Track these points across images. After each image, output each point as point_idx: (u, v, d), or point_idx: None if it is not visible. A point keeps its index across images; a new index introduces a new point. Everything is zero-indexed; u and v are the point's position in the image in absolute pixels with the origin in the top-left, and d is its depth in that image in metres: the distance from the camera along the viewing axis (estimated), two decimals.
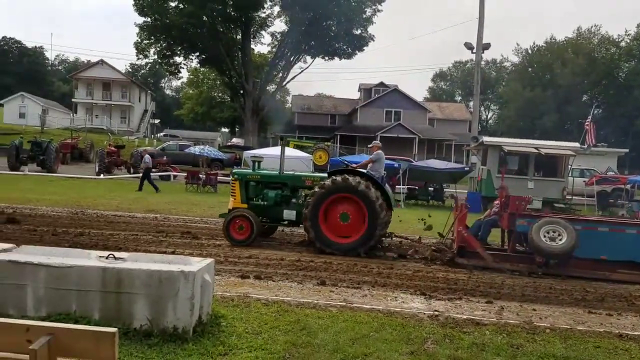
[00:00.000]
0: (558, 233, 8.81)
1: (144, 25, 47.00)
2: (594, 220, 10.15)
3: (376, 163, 10.45)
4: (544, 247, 8.76)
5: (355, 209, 9.75)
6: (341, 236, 9.81)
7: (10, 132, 40.16)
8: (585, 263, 9.06)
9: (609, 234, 9.07)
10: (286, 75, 52.80)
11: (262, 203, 10.54)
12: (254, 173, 10.94)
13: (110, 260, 4.73)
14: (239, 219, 10.07)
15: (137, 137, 50.86)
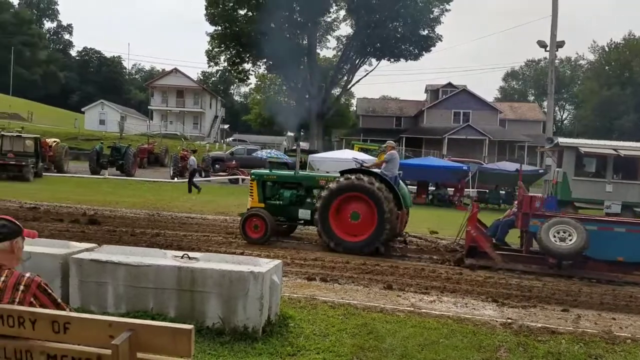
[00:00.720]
0: (568, 233, 8.58)
1: (214, 34, 48.61)
2: (610, 220, 9.88)
3: (390, 163, 10.46)
4: (551, 247, 8.56)
5: (366, 208, 9.83)
6: (351, 234, 9.89)
7: (91, 137, 42.70)
8: (601, 265, 8.83)
9: (626, 234, 8.74)
10: (351, 78, 52.86)
11: (278, 203, 10.75)
12: (271, 174, 11.23)
13: (185, 259, 4.91)
14: (254, 218, 10.33)
15: (208, 142, 52.59)
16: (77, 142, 39.82)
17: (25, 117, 56.89)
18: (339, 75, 53.59)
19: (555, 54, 29.46)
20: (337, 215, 9.98)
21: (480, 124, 49.98)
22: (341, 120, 67.26)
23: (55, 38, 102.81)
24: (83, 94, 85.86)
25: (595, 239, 8.63)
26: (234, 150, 38.26)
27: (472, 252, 9.43)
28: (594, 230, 8.73)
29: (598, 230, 8.79)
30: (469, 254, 9.41)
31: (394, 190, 9.88)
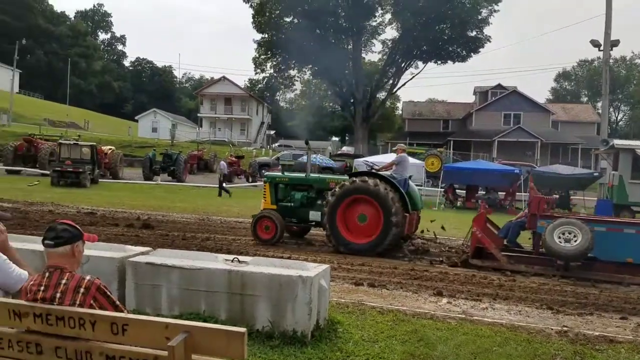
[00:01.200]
0: (573, 234, 8.45)
1: (261, 42, 49.42)
2: (619, 221, 9.68)
3: (399, 165, 10.56)
4: (555, 248, 8.47)
5: (372, 210, 9.85)
6: (359, 236, 9.92)
7: (144, 145, 44.13)
8: (609, 266, 8.66)
9: (636, 235, 8.60)
10: (397, 81, 52.51)
11: (290, 204, 10.89)
12: (283, 176, 11.49)
13: (235, 263, 4.99)
14: (265, 220, 10.54)
15: (254, 148, 53.41)
16: (131, 149, 41.25)
17: (82, 126, 59.46)
18: (384, 79, 53.34)
19: (610, 53, 28.27)
20: (345, 217, 10.05)
21: (531, 126, 48.55)
22: (387, 124, 66.89)
23: (109, 49, 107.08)
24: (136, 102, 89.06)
25: (604, 240, 8.54)
26: (280, 155, 38.66)
27: (479, 253, 9.40)
28: (603, 232, 8.62)
29: (607, 232, 8.68)
30: (475, 254, 9.37)
31: (400, 192, 9.88)
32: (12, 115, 49.47)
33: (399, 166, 10.56)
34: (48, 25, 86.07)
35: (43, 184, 21.40)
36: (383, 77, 53.21)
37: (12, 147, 27.28)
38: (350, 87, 50.35)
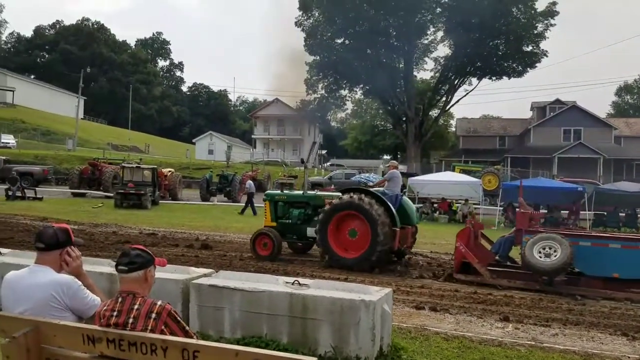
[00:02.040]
0: (554, 249, 8.45)
1: (313, 64, 50.12)
2: (605, 236, 9.51)
3: (391, 182, 10.83)
4: (533, 262, 8.50)
5: (362, 225, 10.04)
6: (349, 251, 10.15)
7: (201, 167, 45.33)
8: (596, 281, 8.60)
9: (621, 250, 8.50)
10: (450, 99, 51.77)
11: (288, 221, 11.25)
12: (281, 194, 11.89)
13: (296, 286, 4.95)
14: (263, 237, 10.88)
15: None
16: (189, 171, 42.44)
17: (143, 149, 61.85)
18: (437, 96, 52.73)
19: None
20: (337, 232, 10.29)
21: (593, 141, 46.54)
22: (440, 142, 65.89)
23: (168, 75, 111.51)
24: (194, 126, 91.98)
25: (590, 255, 8.59)
26: (332, 174, 38.75)
27: (467, 268, 9.41)
28: (588, 247, 8.65)
29: (592, 247, 8.67)
30: (460, 269, 9.43)
31: (388, 207, 10.02)
32: (78, 140, 52.09)
33: (391, 182, 10.84)
34: (111, 53, 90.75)
35: (107, 206, 22.29)
36: (435, 94, 52.60)
37: (77, 170, 28.62)
38: (402, 105, 50.05)
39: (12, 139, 45.89)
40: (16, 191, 23.08)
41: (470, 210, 23.07)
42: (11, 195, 22.80)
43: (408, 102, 49.29)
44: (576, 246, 8.60)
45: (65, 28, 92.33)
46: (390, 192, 10.62)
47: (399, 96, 50.24)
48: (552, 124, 50.18)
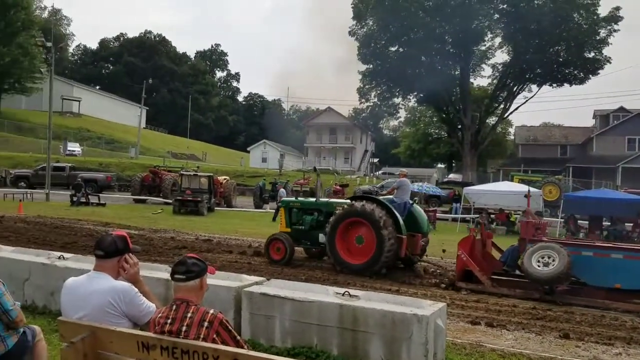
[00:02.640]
0: (552, 258, 8.46)
1: (366, 72, 50.11)
2: (607, 246, 9.45)
3: (400, 190, 11.13)
4: (531, 271, 8.55)
5: (368, 232, 10.19)
6: (356, 257, 10.29)
7: (255, 175, 46.11)
8: (598, 292, 8.50)
9: (624, 261, 8.42)
10: (508, 106, 50.38)
11: (302, 227, 11.50)
12: (296, 201, 12.41)
13: (346, 297, 4.91)
14: (276, 242, 11.23)
15: (358, 176, 53.67)
16: (243, 179, 43.23)
17: (200, 157, 63.60)
18: (494, 103, 51.44)
19: None
20: (345, 238, 10.50)
21: None
22: (497, 150, 64.16)
23: (225, 85, 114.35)
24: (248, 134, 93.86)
25: (592, 265, 8.57)
26: (384, 183, 38.36)
27: (468, 276, 9.45)
28: (590, 256, 8.63)
29: (594, 257, 8.63)
30: (462, 277, 9.46)
31: (393, 215, 10.21)
32: (140, 148, 54.21)
33: (400, 190, 11.14)
34: (172, 65, 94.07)
35: (166, 212, 23.00)
36: (493, 101, 51.33)
37: (139, 178, 29.74)
38: (457, 112, 49.15)
39: (78, 147, 48.26)
40: (81, 197, 24.21)
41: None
42: (76, 201, 23.93)
43: (464, 109, 48.34)
44: (578, 256, 8.62)
45: (128, 41, 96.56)
46: (399, 200, 10.91)
47: (454, 103, 49.40)
48: (615, 133, 47.93)
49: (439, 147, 68.34)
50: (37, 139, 48.34)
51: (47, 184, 26.82)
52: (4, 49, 50.80)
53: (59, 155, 40.22)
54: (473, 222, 24.02)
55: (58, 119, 50.40)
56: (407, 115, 72.75)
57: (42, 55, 49.88)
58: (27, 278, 6.26)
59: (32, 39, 47.31)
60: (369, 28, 47.77)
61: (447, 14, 43.52)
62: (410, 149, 71.77)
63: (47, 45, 28.69)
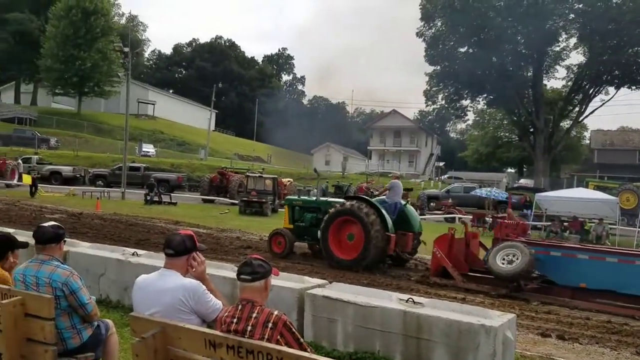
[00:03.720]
0: (516, 256, 8.93)
1: (433, 74, 49.29)
2: (573, 247, 9.94)
3: (391, 191, 11.85)
4: (495, 268, 9.08)
5: (358, 230, 10.83)
6: (347, 253, 10.93)
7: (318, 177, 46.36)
8: (566, 291, 8.91)
9: (589, 261, 8.85)
10: (584, 109, 47.93)
11: (302, 224, 12.24)
12: (298, 199, 13.31)
13: (410, 304, 4.82)
14: (278, 236, 12.10)
15: (422, 180, 52.83)
16: (306, 181, 43.68)
17: (266, 159, 64.88)
18: (569, 106, 49.13)
19: None
20: (338, 235, 11.19)
21: None
22: (571, 155, 61.26)
23: (290, 89, 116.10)
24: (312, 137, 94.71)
25: (560, 265, 9.03)
26: (450, 188, 37.54)
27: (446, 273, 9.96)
28: (558, 257, 9.09)
29: (562, 257, 9.08)
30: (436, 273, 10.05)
31: (381, 214, 10.82)
32: (209, 150, 56.01)
33: (391, 191, 11.85)
34: (240, 69, 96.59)
35: (232, 212, 23.59)
36: (567, 104, 49.01)
37: (207, 178, 30.70)
38: (529, 115, 47.33)
39: (152, 149, 50.48)
40: (154, 196, 25.30)
41: (606, 230, 21.06)
42: (149, 200, 25.03)
43: (537, 112, 46.49)
44: (547, 256, 9.16)
45: (200, 46, 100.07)
46: (390, 201, 11.63)
47: (526, 106, 47.65)
48: None
49: (509, 151, 66.08)
50: (114, 140, 51.06)
51: (123, 183, 28.22)
52: (85, 54, 53.99)
53: (135, 156, 42.21)
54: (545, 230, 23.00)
55: (134, 121, 52.91)
56: (476, 118, 70.89)
57: (119, 60, 52.54)
58: (103, 273, 6.59)
59: (111, 44, 49.99)
60: (437, 29, 46.99)
61: (520, 14, 42.05)
62: (478, 153, 69.83)
63: (124, 50, 30.19)
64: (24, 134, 46.27)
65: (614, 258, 8.77)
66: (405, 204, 12.05)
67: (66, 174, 33.12)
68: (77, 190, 27.79)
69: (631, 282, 8.38)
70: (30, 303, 3.31)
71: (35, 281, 3.46)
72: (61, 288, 3.42)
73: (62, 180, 32.24)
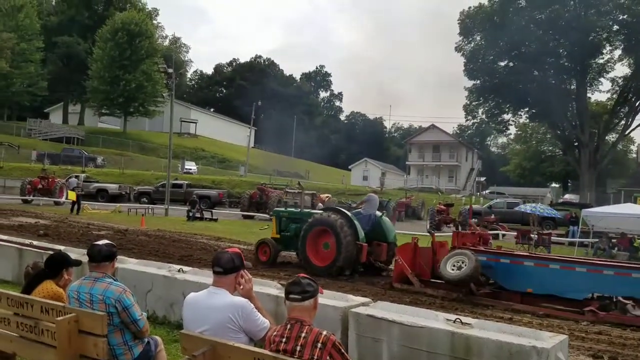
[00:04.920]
0: (465, 263, 9.49)
1: (473, 88, 48.78)
2: (520, 254, 10.61)
3: (367, 203, 12.82)
4: (445, 275, 9.66)
5: (332, 239, 11.49)
6: (323, 260, 11.53)
7: (356, 192, 46.29)
8: (515, 295, 9.49)
9: (535, 268, 9.44)
10: (630, 122, 46.38)
11: (288, 234, 12.80)
12: (284, 211, 13.92)
13: (458, 324, 4.71)
14: (264, 246, 12.92)
15: (463, 195, 51.95)
16: (345, 196, 43.62)
17: (304, 175, 65.23)
18: (614, 119, 47.61)
19: None
20: (316, 244, 11.85)
21: None
22: (619, 169, 59.22)
23: (328, 105, 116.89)
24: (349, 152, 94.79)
25: (509, 271, 9.66)
26: (492, 203, 36.77)
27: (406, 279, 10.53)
28: (507, 264, 9.72)
29: (510, 264, 9.71)
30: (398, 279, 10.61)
31: (354, 226, 11.52)
32: (248, 166, 56.79)
33: (367, 204, 12.80)
34: (279, 87, 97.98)
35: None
36: (613, 117, 47.54)
37: (247, 194, 31.09)
38: (573, 129, 46.14)
39: (194, 166, 51.59)
40: (196, 213, 25.76)
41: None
42: (191, 216, 25.50)
43: (581, 125, 45.28)
44: (497, 263, 9.79)
45: (240, 65, 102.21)
46: (365, 212, 12.42)
47: (570, 119, 46.49)
48: None
49: (553, 165, 64.46)
50: (158, 158, 52.45)
51: (166, 199, 28.89)
52: (130, 75, 55.98)
53: (177, 173, 43.19)
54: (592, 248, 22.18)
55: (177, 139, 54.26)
56: (518, 132, 69.52)
57: (163, 80, 54.26)
58: (150, 289, 6.72)
59: (155, 65, 51.70)
60: (476, 43, 46.60)
61: (561, 27, 41.30)
62: (520, 168, 68.34)
63: (168, 71, 31.15)
64: (72, 153, 48.08)
65: (556, 265, 9.41)
66: (380, 216, 12.68)
67: (112, 191, 34.17)
68: (122, 207, 28.60)
69: (571, 287, 9.04)
70: (84, 320, 3.40)
71: (89, 298, 3.56)
72: (114, 304, 3.50)
73: (108, 198, 33.27)
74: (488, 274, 9.90)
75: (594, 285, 9.00)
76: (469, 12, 46.12)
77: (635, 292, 8.69)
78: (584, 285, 8.99)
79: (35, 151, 47.47)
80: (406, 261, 10.53)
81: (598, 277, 8.91)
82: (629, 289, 8.73)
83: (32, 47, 58.68)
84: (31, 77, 59.30)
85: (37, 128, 58.24)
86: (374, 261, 11.99)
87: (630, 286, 8.66)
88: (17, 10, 58.48)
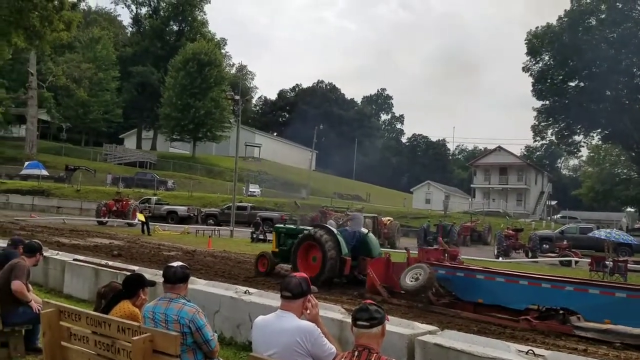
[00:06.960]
0: (421, 275, 10.30)
1: (542, 109, 47.28)
2: (472, 269, 11.21)
3: (352, 221, 13.99)
4: (403, 285, 10.53)
5: (319, 253, 12.58)
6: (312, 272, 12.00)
7: (418, 216, 45.56)
8: (468, 305, 10.26)
9: (484, 281, 10.25)
10: None
11: (285, 249, 13.83)
12: (282, 227, 15.28)
13: (531, 356, 4.51)
14: (263, 258, 14.10)
15: (533, 220, 49.86)
16: (407, 220, 43.00)
17: (364, 198, 65.01)
18: None
19: None
20: (306, 257, 12.96)
21: None
22: None
23: (389, 128, 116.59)
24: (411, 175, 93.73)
25: (463, 283, 10.44)
26: (564, 228, 35.05)
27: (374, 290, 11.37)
28: (462, 277, 10.52)
29: (464, 277, 10.51)
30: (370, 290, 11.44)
31: (337, 240, 12.57)
32: (310, 189, 57.35)
33: (352, 221, 13.94)
34: (340, 111, 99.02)
35: None
36: None
37: (309, 217, 31.35)
38: None
39: (258, 188, 52.73)
40: (259, 234, 26.26)
41: None
42: (255, 237, 26.01)
43: None
44: (454, 276, 10.64)
45: (303, 90, 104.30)
46: (350, 229, 13.45)
47: None
48: None
49: (628, 188, 60.86)
50: (224, 181, 54.02)
51: (231, 221, 29.62)
52: (200, 102, 58.43)
53: (242, 196, 44.27)
54: None
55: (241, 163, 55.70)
56: (590, 154, 66.32)
57: (230, 107, 56.15)
58: (218, 310, 6.89)
59: (223, 92, 53.72)
60: (544, 63, 45.27)
61: (634, 45, 39.40)
62: (593, 191, 65.00)
63: (235, 98, 32.28)
64: (145, 177, 50.41)
65: (502, 278, 10.15)
66: (366, 233, 13.64)
67: (181, 213, 35.48)
68: (190, 228, 29.57)
69: (514, 299, 9.75)
70: (159, 340, 3.52)
71: (164, 318, 3.70)
72: (188, 325, 3.63)
73: (177, 219, 34.56)
74: (446, 285, 10.77)
75: (533, 296, 9.70)
76: (537, 32, 44.97)
77: (568, 303, 9.30)
78: (525, 296, 9.73)
79: (110, 175, 50.19)
80: (377, 274, 11.56)
81: (537, 289, 9.63)
82: (563, 301, 9.36)
83: (108, 77, 62.78)
84: (107, 105, 63.29)
85: (112, 153, 61.64)
86: (357, 274, 13.04)
87: (564, 298, 9.32)
88: (95, 42, 62.92)
